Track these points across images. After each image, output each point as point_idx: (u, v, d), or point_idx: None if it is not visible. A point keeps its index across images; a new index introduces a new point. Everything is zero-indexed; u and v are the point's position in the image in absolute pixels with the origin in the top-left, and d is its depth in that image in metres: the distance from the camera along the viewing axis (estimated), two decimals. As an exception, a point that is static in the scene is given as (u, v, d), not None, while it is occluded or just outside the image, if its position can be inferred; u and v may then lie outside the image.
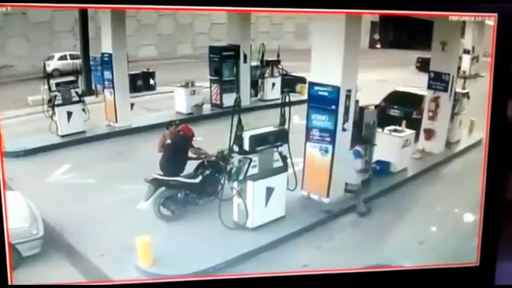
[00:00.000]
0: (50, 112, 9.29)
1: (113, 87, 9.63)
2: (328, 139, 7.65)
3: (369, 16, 10.54)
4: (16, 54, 9.38)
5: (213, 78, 10.37)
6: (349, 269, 6.16)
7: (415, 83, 10.33)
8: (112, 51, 9.49)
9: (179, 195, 7.46)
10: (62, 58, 10.13)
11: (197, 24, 11.44)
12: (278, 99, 9.27)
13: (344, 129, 7.69)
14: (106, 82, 9.75)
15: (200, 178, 7.60)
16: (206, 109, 10.47)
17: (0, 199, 5.32)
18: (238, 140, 6.94)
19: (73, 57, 10.10)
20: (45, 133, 9.10)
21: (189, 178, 7.54)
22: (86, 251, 6.43)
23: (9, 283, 5.45)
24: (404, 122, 9.18)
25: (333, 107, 7.54)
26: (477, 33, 10.77)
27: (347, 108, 7.65)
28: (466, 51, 11.16)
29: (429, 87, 9.53)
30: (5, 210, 5.34)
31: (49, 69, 9.80)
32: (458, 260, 6.32)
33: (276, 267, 6.28)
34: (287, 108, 7.18)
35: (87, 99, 9.80)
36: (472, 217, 6.57)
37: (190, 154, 7.68)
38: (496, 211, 6.09)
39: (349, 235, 7.32)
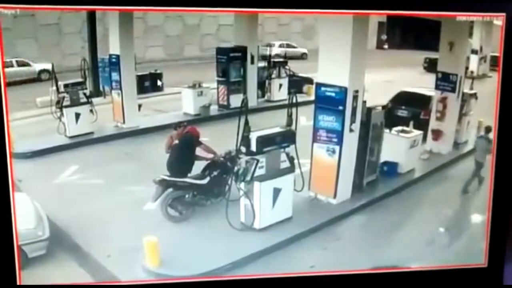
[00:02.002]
0: (58, 114, 9.34)
1: (120, 88, 9.69)
2: (335, 140, 7.62)
3: (376, 16, 10.52)
4: (25, 55, 9.46)
5: (220, 79, 10.40)
6: (357, 270, 6.16)
7: (423, 83, 10.30)
8: (120, 53, 9.54)
9: (186, 196, 7.46)
10: (281, 46, 12.04)
11: (204, 26, 11.47)
12: (285, 100, 9.28)
13: (351, 130, 7.66)
14: (113, 83, 9.80)
15: (207, 179, 7.60)
16: (214, 110, 10.50)
17: (9, 200, 5.35)
18: (245, 141, 6.93)
19: (287, 46, 12.13)
20: (53, 134, 9.16)
21: (196, 179, 7.54)
22: (93, 251, 6.46)
23: (18, 283, 5.49)
24: (411, 123, 9.15)
25: (340, 108, 7.51)
26: (485, 33, 10.74)
27: (354, 109, 7.62)
28: (474, 51, 11.13)
29: (437, 87, 9.50)
30: (14, 211, 5.37)
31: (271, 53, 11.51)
32: (466, 261, 6.30)
33: (283, 268, 6.27)
34: (294, 109, 7.16)
35: (95, 100, 9.84)
36: (480, 219, 6.54)
37: (198, 152, 7.67)
38: (504, 213, 6.07)
39: (356, 236, 7.28)
